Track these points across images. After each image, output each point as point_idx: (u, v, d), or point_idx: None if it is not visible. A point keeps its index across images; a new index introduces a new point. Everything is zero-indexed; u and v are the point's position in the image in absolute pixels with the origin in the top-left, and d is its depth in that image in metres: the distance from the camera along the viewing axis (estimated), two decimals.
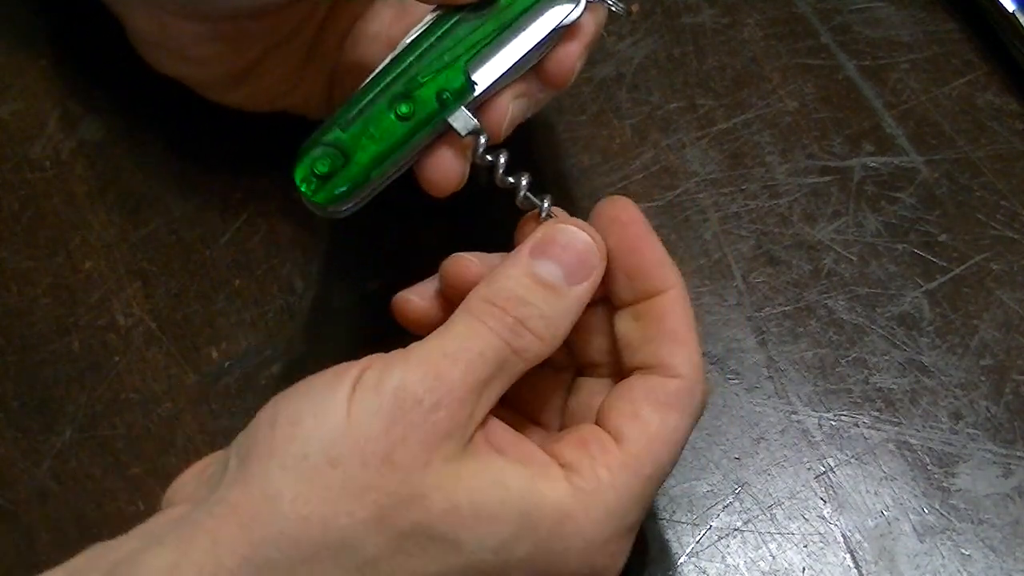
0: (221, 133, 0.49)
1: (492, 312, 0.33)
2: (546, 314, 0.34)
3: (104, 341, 0.45)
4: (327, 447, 0.31)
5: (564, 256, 0.35)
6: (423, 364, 0.32)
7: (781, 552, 0.40)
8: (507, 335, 0.33)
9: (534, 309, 0.34)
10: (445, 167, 0.39)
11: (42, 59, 0.51)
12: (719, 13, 0.51)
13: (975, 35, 0.51)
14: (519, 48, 0.38)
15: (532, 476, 0.32)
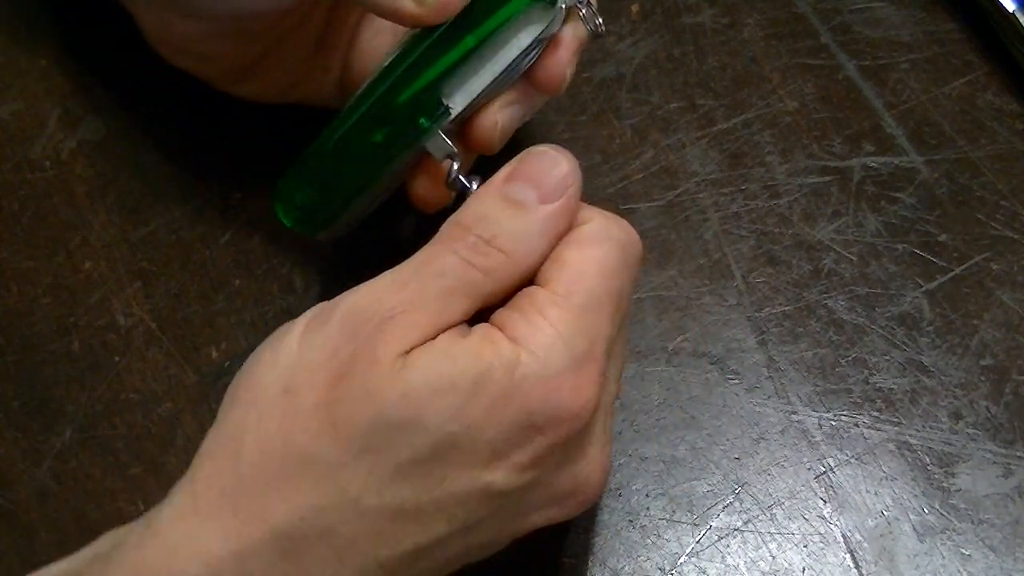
0: (221, 133, 0.49)
1: (455, 233, 0.33)
2: (514, 230, 0.33)
3: (104, 341, 0.45)
4: (279, 379, 0.32)
5: (536, 176, 0.34)
6: (371, 289, 0.33)
7: (781, 552, 0.40)
8: (469, 254, 0.33)
9: (500, 226, 0.33)
10: (428, 188, 0.39)
11: (42, 59, 0.51)
12: (719, 13, 0.52)
13: (975, 35, 0.51)
14: (496, 66, 0.36)
15: (474, 342, 0.32)
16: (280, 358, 0.32)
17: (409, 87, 0.37)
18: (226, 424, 0.32)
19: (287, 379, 0.32)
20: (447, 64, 0.36)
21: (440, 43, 0.36)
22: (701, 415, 0.43)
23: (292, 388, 0.32)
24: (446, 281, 0.32)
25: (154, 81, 0.50)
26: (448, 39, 0.36)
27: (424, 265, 0.33)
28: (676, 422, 0.43)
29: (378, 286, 0.33)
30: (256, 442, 0.31)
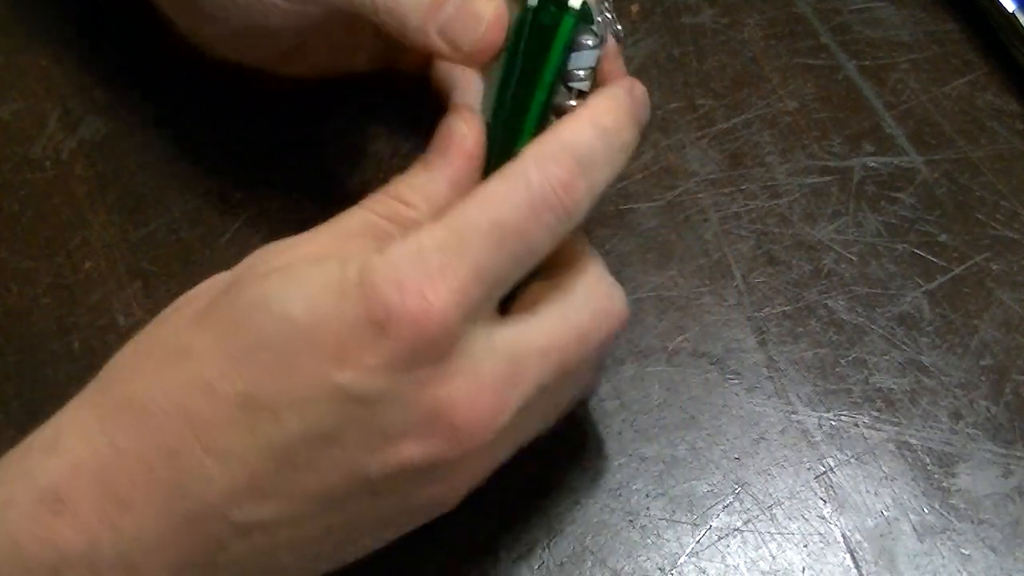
0: (222, 133, 0.49)
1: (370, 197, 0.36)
2: (415, 183, 0.36)
3: (104, 341, 0.45)
4: (192, 297, 0.35)
5: (438, 140, 0.37)
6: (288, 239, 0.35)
7: (781, 552, 0.40)
8: (376, 206, 0.36)
9: (403, 182, 0.36)
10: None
11: (42, 59, 0.51)
12: (719, 13, 0.51)
13: (975, 35, 0.51)
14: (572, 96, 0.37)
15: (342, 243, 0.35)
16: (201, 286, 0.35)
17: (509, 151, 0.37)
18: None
19: (194, 293, 0.34)
20: (532, 128, 0.37)
21: (516, 106, 0.37)
22: (701, 415, 0.43)
23: (193, 298, 0.34)
24: (353, 223, 0.35)
25: (154, 81, 0.50)
26: (518, 103, 0.37)
27: (338, 217, 0.35)
28: (676, 422, 0.42)
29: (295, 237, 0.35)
30: (145, 338, 0.34)
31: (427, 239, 0.32)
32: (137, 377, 0.32)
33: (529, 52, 0.37)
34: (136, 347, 0.34)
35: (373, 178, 0.48)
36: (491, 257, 0.32)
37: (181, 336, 0.33)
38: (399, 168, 0.48)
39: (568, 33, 0.36)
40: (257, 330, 0.31)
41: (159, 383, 0.32)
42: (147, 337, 0.34)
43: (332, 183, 0.48)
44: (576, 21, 0.36)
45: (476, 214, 0.32)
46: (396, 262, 0.31)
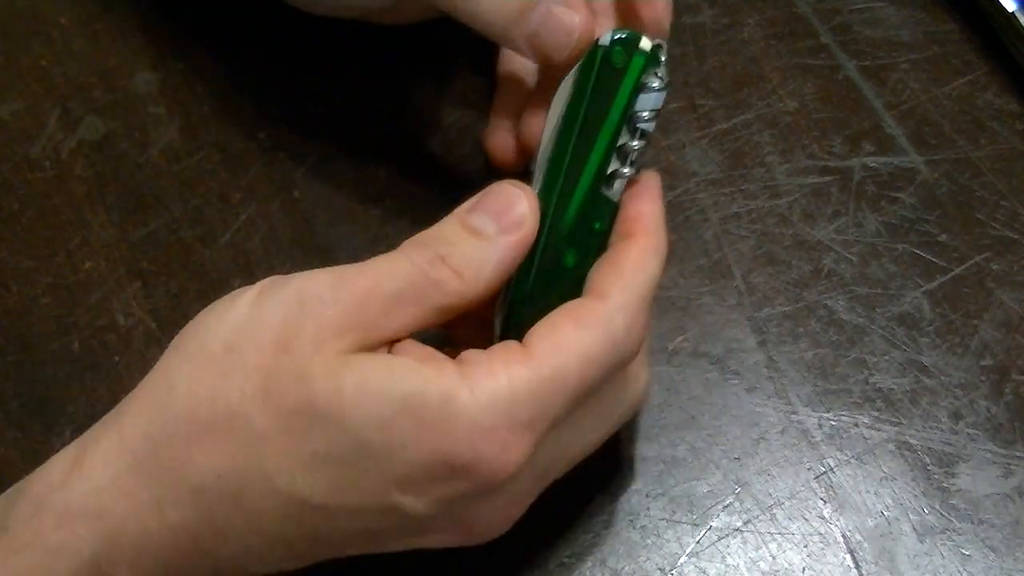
0: (221, 134, 0.49)
1: (415, 247, 0.34)
2: (467, 254, 0.34)
3: (104, 341, 0.45)
4: (225, 336, 0.33)
5: (495, 207, 0.35)
6: (330, 271, 0.34)
7: (781, 552, 0.40)
8: (424, 266, 0.34)
9: (456, 248, 0.34)
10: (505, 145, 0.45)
11: (42, 59, 0.51)
12: (719, 13, 0.51)
13: (975, 35, 0.51)
14: (635, 140, 0.37)
15: (421, 366, 0.32)
16: (228, 316, 0.33)
17: (571, 205, 0.37)
18: (162, 371, 0.33)
19: (232, 337, 0.33)
20: (595, 168, 0.37)
21: (578, 149, 0.37)
22: (701, 415, 0.43)
23: (235, 346, 0.32)
24: (397, 283, 0.33)
25: (154, 81, 0.50)
26: (583, 141, 0.37)
27: (382, 263, 0.34)
28: (676, 422, 0.42)
29: (337, 272, 0.34)
30: (189, 393, 0.32)
31: (519, 386, 0.32)
32: (192, 448, 0.32)
33: (597, 91, 0.37)
34: (187, 396, 0.32)
35: (374, 178, 0.48)
36: (568, 409, 0.33)
37: (241, 405, 0.32)
38: (400, 171, 0.48)
39: (637, 74, 0.37)
40: (328, 444, 0.31)
41: (217, 463, 0.32)
42: (199, 391, 0.32)
43: (332, 183, 0.48)
44: (645, 63, 0.37)
45: (569, 370, 0.33)
46: (486, 407, 0.32)
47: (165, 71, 0.51)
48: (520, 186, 0.36)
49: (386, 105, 0.49)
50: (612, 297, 0.34)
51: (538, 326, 0.34)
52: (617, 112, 0.37)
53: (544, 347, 0.33)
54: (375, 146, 0.48)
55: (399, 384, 0.32)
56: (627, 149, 0.37)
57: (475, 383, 0.32)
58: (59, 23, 0.52)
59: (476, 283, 0.34)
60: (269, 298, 0.33)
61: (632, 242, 0.36)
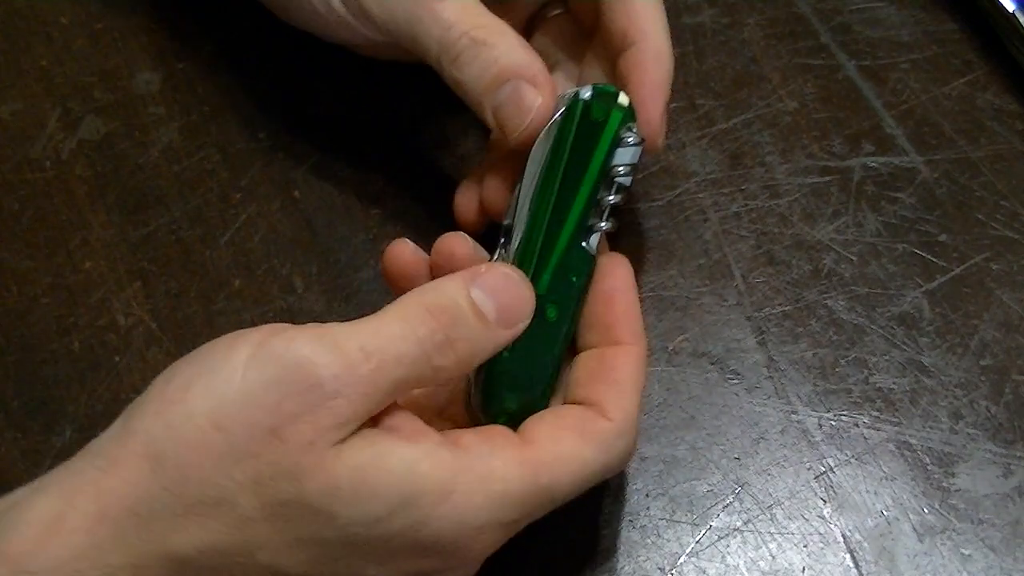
0: (221, 133, 0.49)
1: (426, 322, 0.33)
2: (472, 340, 0.34)
3: (104, 341, 0.45)
4: (214, 410, 0.31)
5: (500, 295, 0.35)
6: (336, 350, 0.32)
7: (781, 552, 0.40)
8: (431, 350, 0.33)
9: (462, 332, 0.34)
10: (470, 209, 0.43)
11: (42, 59, 0.51)
12: (719, 13, 0.51)
13: (975, 35, 0.51)
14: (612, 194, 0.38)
15: (416, 457, 0.32)
16: (217, 385, 0.31)
17: (552, 258, 0.38)
18: (145, 438, 0.32)
19: (221, 417, 0.31)
20: (575, 221, 0.38)
21: (560, 201, 0.38)
22: (701, 415, 0.43)
23: (225, 427, 0.31)
24: (402, 371, 0.33)
25: (154, 80, 0.50)
26: (563, 195, 0.38)
27: (390, 343, 0.33)
28: (676, 422, 0.42)
29: (340, 348, 0.32)
30: (176, 473, 0.31)
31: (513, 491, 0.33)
32: (177, 523, 0.31)
33: (576, 144, 0.38)
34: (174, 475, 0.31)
35: (374, 178, 0.48)
36: (546, 512, 0.35)
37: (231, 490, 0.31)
38: (399, 171, 0.48)
39: (616, 128, 0.38)
40: (315, 533, 0.32)
41: (200, 540, 0.31)
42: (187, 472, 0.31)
43: (332, 183, 0.48)
44: (623, 117, 0.38)
45: (562, 484, 0.34)
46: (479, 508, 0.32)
47: (165, 71, 0.51)
48: (527, 282, 0.36)
49: (386, 105, 0.49)
50: (616, 419, 0.35)
51: (544, 425, 0.35)
52: (596, 165, 0.38)
53: (545, 455, 0.34)
54: (375, 146, 0.48)
55: (395, 483, 0.32)
56: (604, 203, 0.38)
57: (471, 483, 0.32)
58: (59, 23, 0.52)
59: (464, 370, 0.35)
60: (263, 371, 0.31)
61: (626, 352, 0.37)
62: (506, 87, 0.39)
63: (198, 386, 0.32)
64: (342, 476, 0.31)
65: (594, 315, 0.38)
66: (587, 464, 0.34)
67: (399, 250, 0.39)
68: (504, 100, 0.39)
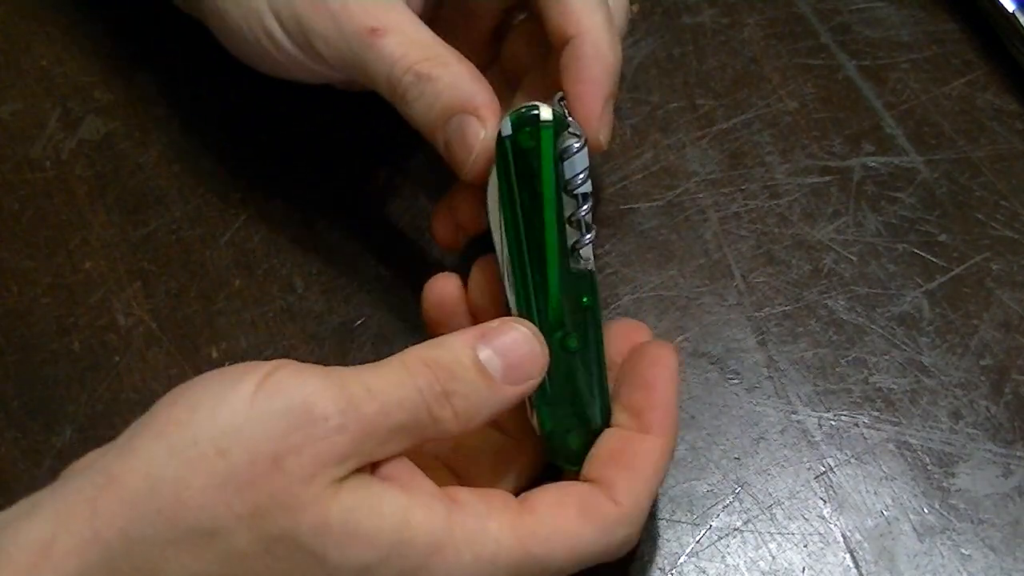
0: (221, 133, 0.49)
1: (425, 374, 0.33)
2: (471, 398, 0.34)
3: (104, 341, 0.45)
4: (219, 436, 0.31)
5: (509, 355, 0.35)
6: (342, 388, 0.32)
7: (781, 552, 0.40)
8: (431, 401, 0.33)
9: (463, 388, 0.34)
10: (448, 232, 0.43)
11: (42, 59, 0.51)
12: (719, 13, 0.51)
13: (975, 35, 0.51)
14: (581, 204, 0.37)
15: (410, 506, 0.32)
16: (223, 411, 0.31)
17: (550, 289, 0.37)
18: (145, 458, 0.31)
19: (225, 441, 0.31)
20: (555, 250, 0.37)
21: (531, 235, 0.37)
22: (701, 415, 0.43)
23: (228, 452, 0.31)
24: (403, 416, 0.33)
25: (154, 81, 0.50)
26: (531, 228, 0.37)
27: (392, 389, 0.33)
28: None
29: (349, 387, 0.32)
30: (174, 497, 0.31)
31: (505, 555, 0.33)
32: (169, 551, 0.31)
33: (521, 178, 0.36)
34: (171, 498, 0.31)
35: (374, 178, 0.48)
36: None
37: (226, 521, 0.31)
38: (400, 171, 0.48)
39: (551, 146, 0.36)
40: (306, 572, 0.31)
41: (192, 570, 0.31)
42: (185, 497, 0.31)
43: (333, 183, 0.48)
44: (555, 131, 0.36)
45: (556, 558, 0.33)
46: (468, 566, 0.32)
47: (165, 71, 0.51)
48: (536, 336, 0.36)
49: (387, 105, 0.49)
50: (623, 504, 0.35)
51: (547, 495, 0.35)
52: (549, 190, 0.36)
53: (542, 525, 0.33)
54: (376, 146, 0.48)
55: (386, 530, 0.31)
56: (577, 216, 0.37)
57: (463, 540, 0.32)
58: (59, 23, 0.52)
59: (467, 425, 0.34)
60: (271, 401, 0.31)
61: (652, 442, 0.36)
62: (452, 122, 0.38)
63: (204, 410, 0.32)
64: (335, 516, 0.31)
65: (630, 399, 0.37)
66: (584, 543, 0.34)
67: (440, 285, 0.40)
68: (451, 135, 0.38)
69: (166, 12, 0.51)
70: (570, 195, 0.37)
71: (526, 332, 0.35)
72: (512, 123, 0.36)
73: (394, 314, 0.45)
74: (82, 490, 0.31)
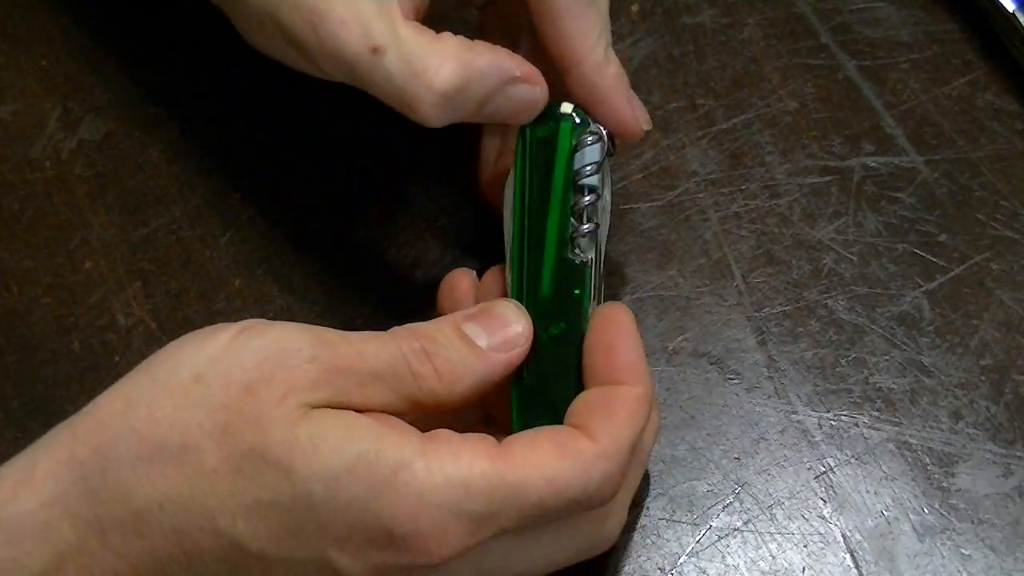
0: (221, 133, 0.49)
1: (405, 335, 0.34)
2: (453, 359, 0.35)
3: (104, 341, 0.45)
4: (197, 367, 0.33)
5: (492, 325, 0.36)
6: (317, 332, 0.33)
7: (781, 552, 0.40)
8: (409, 355, 0.34)
9: (444, 350, 0.35)
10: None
11: (42, 59, 0.51)
12: (719, 13, 0.51)
13: (975, 35, 0.51)
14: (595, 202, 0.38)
15: (381, 428, 0.32)
16: (205, 348, 0.33)
17: (543, 276, 0.38)
18: (124, 388, 0.33)
19: (203, 369, 0.33)
20: (555, 238, 0.38)
21: (534, 222, 0.38)
22: (701, 415, 0.43)
23: (203, 378, 0.32)
24: (379, 363, 0.34)
25: (154, 81, 0.50)
26: (536, 215, 0.38)
27: (370, 339, 0.34)
28: (676, 422, 0.42)
29: (324, 333, 0.34)
30: (147, 416, 0.32)
31: (479, 477, 0.32)
32: (139, 469, 0.32)
33: (535, 165, 0.38)
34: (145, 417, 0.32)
35: (376, 179, 0.48)
36: (518, 524, 0.33)
37: (197, 438, 0.32)
38: (401, 170, 0.48)
39: (567, 139, 0.38)
40: (272, 492, 0.31)
41: (162, 492, 0.32)
42: (157, 415, 0.32)
43: (332, 183, 0.48)
44: (572, 125, 0.38)
45: (532, 488, 0.33)
46: (438, 485, 0.32)
47: (165, 71, 0.51)
48: (520, 309, 0.37)
49: None
50: (600, 441, 0.34)
51: (522, 435, 0.34)
52: (560, 180, 0.38)
53: (517, 457, 0.33)
54: (376, 145, 0.48)
55: (354, 443, 0.32)
56: (580, 207, 0.38)
57: (434, 459, 0.32)
58: (59, 23, 0.52)
59: (452, 388, 0.35)
60: (248, 339, 0.33)
61: (626, 390, 0.36)
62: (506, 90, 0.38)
63: (186, 349, 0.33)
64: (302, 428, 0.32)
65: (595, 366, 0.37)
66: (560, 475, 0.33)
67: (457, 278, 0.40)
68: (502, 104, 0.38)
69: (167, 11, 0.51)
70: (576, 186, 0.38)
71: (510, 305, 0.37)
72: None
73: (394, 314, 0.45)
74: (67, 422, 0.33)
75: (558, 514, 0.34)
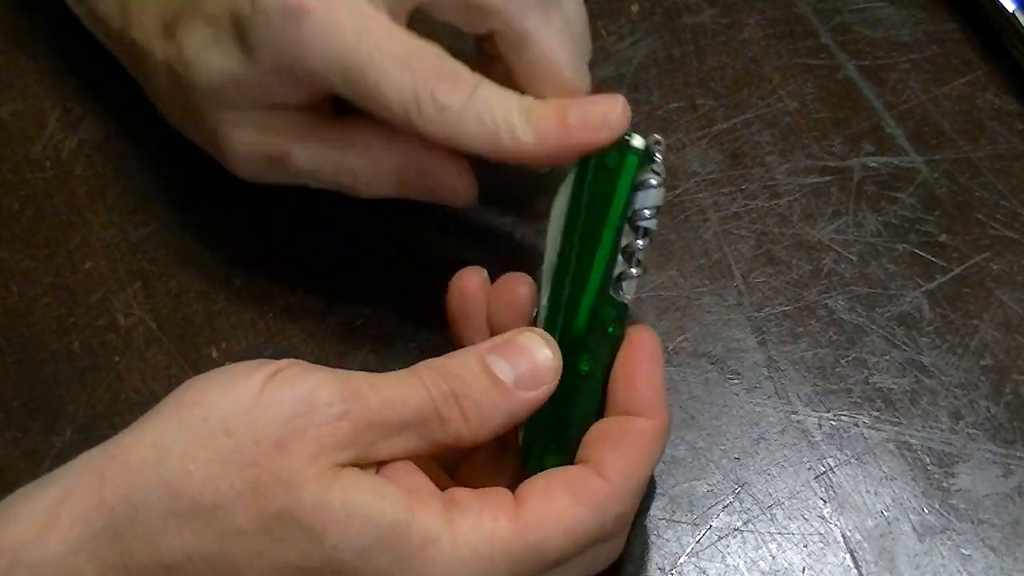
0: None
1: (433, 377, 0.34)
2: (481, 402, 0.34)
3: (104, 341, 0.45)
4: (227, 417, 0.32)
5: (520, 361, 0.35)
6: (346, 381, 0.33)
7: (781, 552, 0.40)
8: (439, 401, 0.34)
9: (471, 391, 0.34)
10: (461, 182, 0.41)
11: (42, 59, 0.51)
12: (719, 13, 0.52)
13: (975, 35, 0.51)
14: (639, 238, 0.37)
15: (411, 499, 0.32)
16: (234, 396, 0.33)
17: (580, 311, 0.37)
18: (155, 433, 0.32)
19: (234, 422, 0.32)
20: (600, 272, 0.37)
21: (581, 252, 0.37)
22: (701, 415, 0.43)
23: (235, 432, 0.32)
24: (408, 412, 0.33)
25: None
26: (585, 245, 0.37)
27: (398, 385, 0.34)
28: (676, 422, 0.42)
29: (354, 383, 0.33)
30: (180, 469, 0.32)
31: (501, 545, 0.32)
32: (170, 523, 0.31)
33: (594, 193, 0.37)
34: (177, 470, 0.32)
35: None
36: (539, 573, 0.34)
37: (228, 497, 0.31)
38: None
39: (632, 173, 0.36)
40: (300, 556, 0.31)
41: (191, 546, 0.31)
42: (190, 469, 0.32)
43: None
44: (640, 161, 0.36)
45: (552, 543, 0.33)
46: (464, 560, 0.32)
47: None
48: (547, 340, 0.36)
49: None
50: (613, 480, 0.34)
51: (536, 486, 0.34)
52: (616, 213, 0.36)
53: (535, 513, 0.33)
54: None
55: (385, 513, 0.32)
56: (632, 248, 0.37)
57: (459, 531, 0.32)
58: (59, 23, 0.52)
59: (479, 431, 0.34)
60: (279, 390, 0.33)
61: (642, 422, 0.36)
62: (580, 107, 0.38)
63: (215, 394, 0.33)
64: (335, 496, 0.31)
65: (615, 391, 0.37)
66: (578, 524, 0.34)
67: (467, 276, 0.40)
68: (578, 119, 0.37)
69: None
70: (632, 226, 0.37)
71: (537, 338, 0.36)
72: None
73: (394, 314, 0.45)
74: (92, 460, 0.32)
75: (575, 555, 0.34)
